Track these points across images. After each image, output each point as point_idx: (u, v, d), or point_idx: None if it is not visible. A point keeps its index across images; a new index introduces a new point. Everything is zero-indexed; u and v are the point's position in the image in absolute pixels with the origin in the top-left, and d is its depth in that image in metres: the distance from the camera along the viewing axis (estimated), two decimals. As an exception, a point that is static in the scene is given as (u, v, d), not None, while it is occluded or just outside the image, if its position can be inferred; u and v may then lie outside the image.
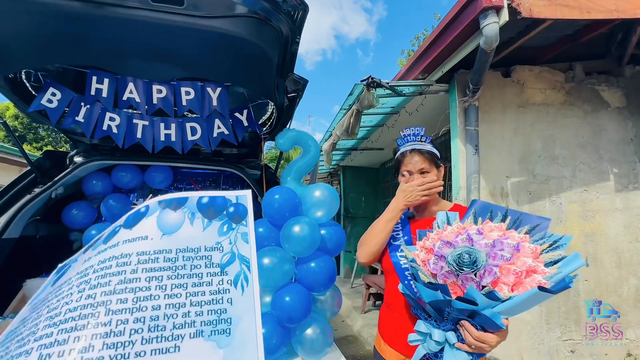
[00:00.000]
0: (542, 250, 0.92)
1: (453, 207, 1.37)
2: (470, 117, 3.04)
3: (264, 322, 1.33)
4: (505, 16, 2.28)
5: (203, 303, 0.84)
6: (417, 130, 1.37)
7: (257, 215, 2.46)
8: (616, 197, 3.23)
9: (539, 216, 1.03)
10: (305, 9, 1.31)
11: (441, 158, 1.37)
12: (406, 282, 1.21)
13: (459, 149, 3.11)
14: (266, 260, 1.27)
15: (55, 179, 1.98)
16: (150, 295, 0.81)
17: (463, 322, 0.94)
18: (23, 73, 1.76)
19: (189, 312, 0.81)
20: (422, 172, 1.31)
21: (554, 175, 3.21)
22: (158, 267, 0.86)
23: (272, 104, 2.05)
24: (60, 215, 2.14)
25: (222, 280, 0.89)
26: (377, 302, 5.48)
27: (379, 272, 5.93)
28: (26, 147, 17.83)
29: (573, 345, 3.04)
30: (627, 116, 3.35)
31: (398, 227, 1.37)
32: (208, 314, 0.82)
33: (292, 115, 1.97)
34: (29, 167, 1.96)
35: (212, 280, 0.88)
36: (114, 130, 1.82)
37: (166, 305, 0.81)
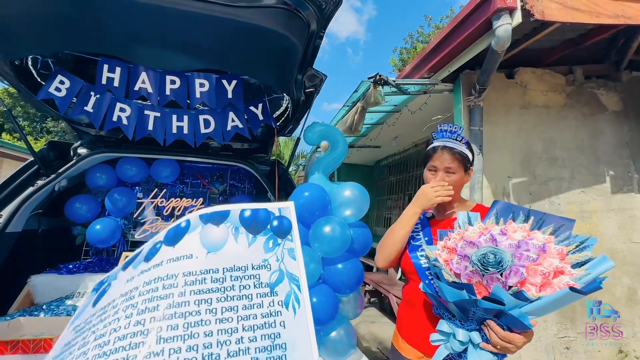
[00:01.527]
0: (568, 252, 0.92)
1: (475, 208, 1.36)
2: (475, 117, 3.06)
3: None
4: (518, 18, 2.30)
5: (256, 327, 0.79)
6: (455, 127, 1.33)
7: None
8: (611, 198, 3.32)
9: (562, 217, 1.02)
10: (338, 2, 1.28)
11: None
12: (427, 281, 1.21)
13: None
14: (294, 259, 1.25)
15: (59, 171, 1.90)
16: (201, 321, 0.76)
17: (489, 321, 0.93)
18: (30, 60, 1.67)
19: (242, 337, 0.77)
20: (448, 171, 1.28)
21: (553, 176, 3.28)
22: (206, 289, 0.81)
23: (288, 98, 2.02)
24: (63, 208, 2.06)
25: (273, 302, 0.84)
26: (372, 299, 5.52)
27: (374, 270, 5.97)
28: (5, 137, 17.18)
29: (568, 342, 3.12)
30: (623, 120, 3.44)
31: (417, 228, 1.36)
32: (262, 339, 0.78)
33: (307, 110, 1.93)
34: (31, 159, 1.87)
35: (262, 301, 0.84)
36: (124, 121, 1.75)
37: (218, 331, 0.76)
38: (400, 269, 1.40)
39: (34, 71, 1.70)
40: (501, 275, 0.89)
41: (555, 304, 0.85)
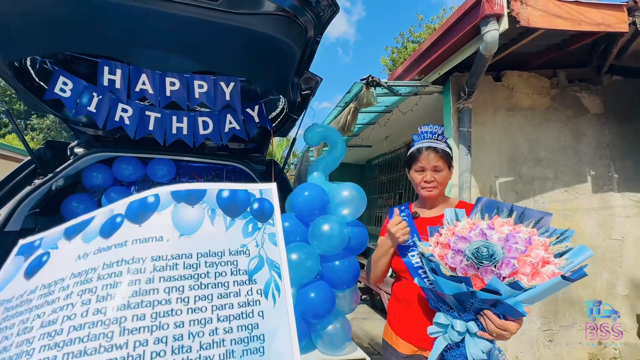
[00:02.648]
0: (551, 243, 1.00)
1: (458, 204, 1.43)
2: (464, 118, 3.16)
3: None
4: (505, 24, 2.39)
5: (232, 317, 0.73)
6: (435, 128, 1.40)
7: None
8: (592, 197, 3.47)
9: (540, 211, 1.10)
10: (335, 9, 1.34)
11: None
12: (421, 277, 1.27)
13: (452, 149, 3.22)
14: (293, 256, 1.30)
15: (57, 170, 1.91)
16: (172, 310, 0.69)
17: (486, 311, 0.99)
18: (28, 60, 1.68)
19: (216, 328, 0.70)
20: (435, 169, 1.35)
21: (538, 176, 3.41)
22: (178, 276, 0.73)
23: (284, 99, 2.07)
24: (59, 207, 2.07)
25: (251, 290, 0.78)
26: (364, 296, 5.61)
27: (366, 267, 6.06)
28: (-11, 134, 16.75)
29: (551, 335, 3.26)
30: (604, 122, 3.59)
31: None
32: (238, 331, 0.72)
33: (303, 112, 1.99)
34: (29, 157, 1.89)
35: (239, 290, 0.77)
36: (126, 121, 1.79)
37: (190, 321, 0.69)
38: (390, 268, 1.47)
39: (32, 72, 1.72)
40: (495, 267, 0.95)
41: (547, 292, 0.92)
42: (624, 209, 3.48)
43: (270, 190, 0.94)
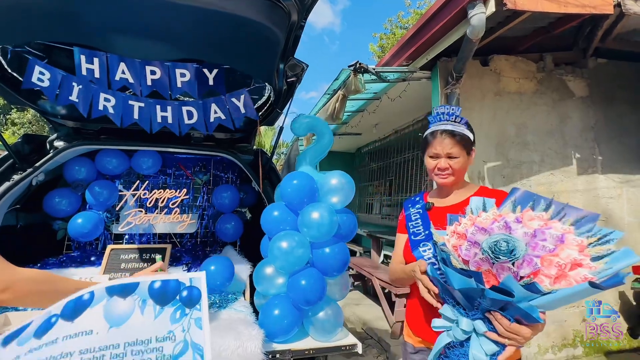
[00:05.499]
0: (589, 244, 0.86)
1: (479, 190, 1.29)
2: (452, 103, 3.16)
3: (279, 303, 1.38)
4: (491, 7, 2.37)
5: None
6: (453, 109, 1.27)
7: (257, 201, 2.44)
8: (578, 180, 3.53)
9: (584, 209, 0.94)
10: None
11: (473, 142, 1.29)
12: (432, 267, 1.12)
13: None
14: (284, 244, 1.30)
15: (36, 164, 1.85)
16: None
17: (494, 313, 0.89)
18: (-1, 50, 1.61)
19: None
20: (450, 156, 1.23)
21: (525, 160, 3.45)
22: None
23: (270, 87, 2.03)
24: (41, 203, 2.02)
25: None
26: (356, 283, 5.68)
27: (357, 254, 6.12)
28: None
29: (538, 314, 3.35)
30: (589, 105, 3.63)
31: (418, 223, 1.31)
32: None
33: (289, 100, 1.95)
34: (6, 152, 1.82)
35: None
36: (110, 110, 1.73)
37: None
38: (382, 254, 1.48)
39: (4, 62, 1.64)
40: (513, 264, 0.85)
41: (570, 298, 0.81)
42: (608, 190, 3.56)
43: (199, 278, 1.00)
